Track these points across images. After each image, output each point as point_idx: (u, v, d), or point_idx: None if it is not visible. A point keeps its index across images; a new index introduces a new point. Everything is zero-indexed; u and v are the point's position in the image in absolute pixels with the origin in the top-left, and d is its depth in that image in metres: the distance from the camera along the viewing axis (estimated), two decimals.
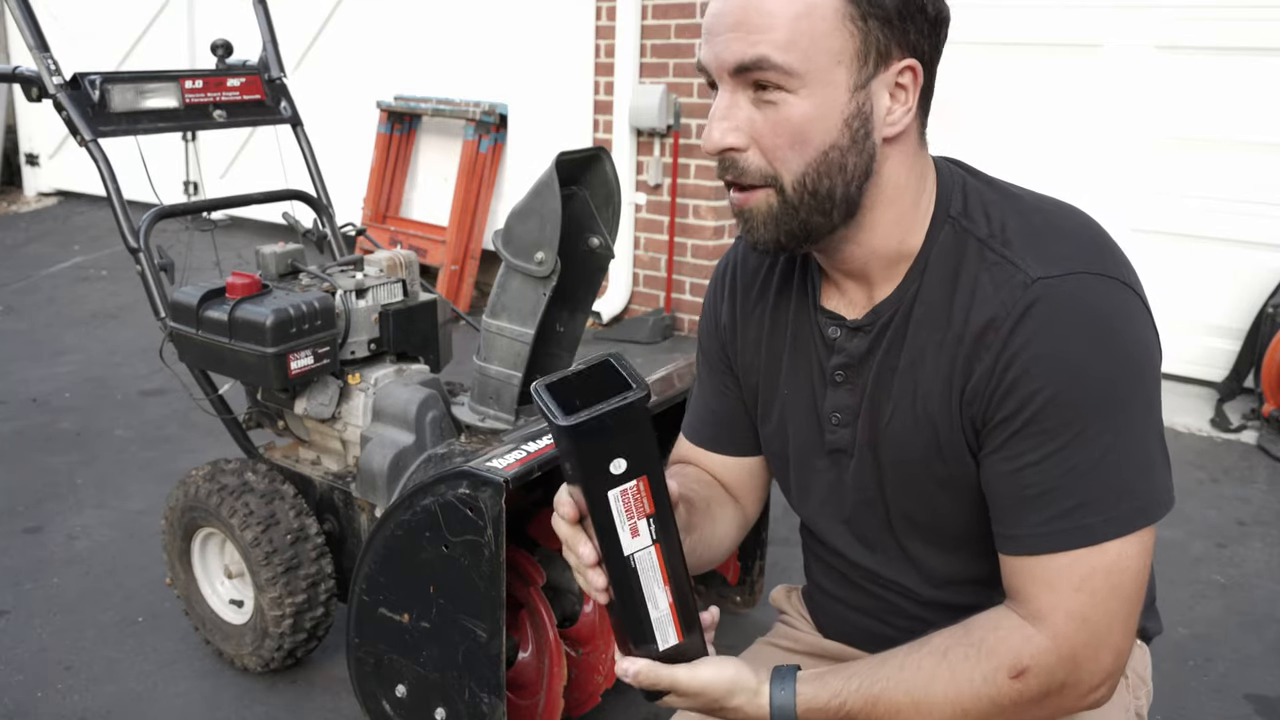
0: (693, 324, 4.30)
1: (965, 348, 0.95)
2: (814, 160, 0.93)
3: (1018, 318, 0.91)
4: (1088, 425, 0.90)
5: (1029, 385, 0.91)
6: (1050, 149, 3.68)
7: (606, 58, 4.25)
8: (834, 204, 0.95)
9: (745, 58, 0.91)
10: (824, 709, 0.95)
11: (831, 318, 1.07)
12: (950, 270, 0.98)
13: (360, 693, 1.60)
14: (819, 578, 1.23)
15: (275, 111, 2.34)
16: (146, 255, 2.00)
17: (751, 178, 0.95)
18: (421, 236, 4.73)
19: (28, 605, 2.25)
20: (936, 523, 1.05)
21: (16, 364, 3.90)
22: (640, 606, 0.90)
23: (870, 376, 1.04)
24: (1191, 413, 3.37)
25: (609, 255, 1.88)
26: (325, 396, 1.91)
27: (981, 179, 1.04)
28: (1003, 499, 0.95)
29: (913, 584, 1.10)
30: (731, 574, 1.99)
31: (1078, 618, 0.90)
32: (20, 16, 1.96)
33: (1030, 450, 0.92)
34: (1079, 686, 0.92)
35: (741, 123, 0.94)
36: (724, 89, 0.95)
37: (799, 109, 0.92)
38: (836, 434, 1.09)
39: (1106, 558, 0.90)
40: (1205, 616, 2.23)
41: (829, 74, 0.91)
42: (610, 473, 0.83)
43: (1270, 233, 3.34)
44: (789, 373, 1.13)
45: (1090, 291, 0.91)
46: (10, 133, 7.29)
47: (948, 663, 0.93)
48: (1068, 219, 0.98)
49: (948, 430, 0.98)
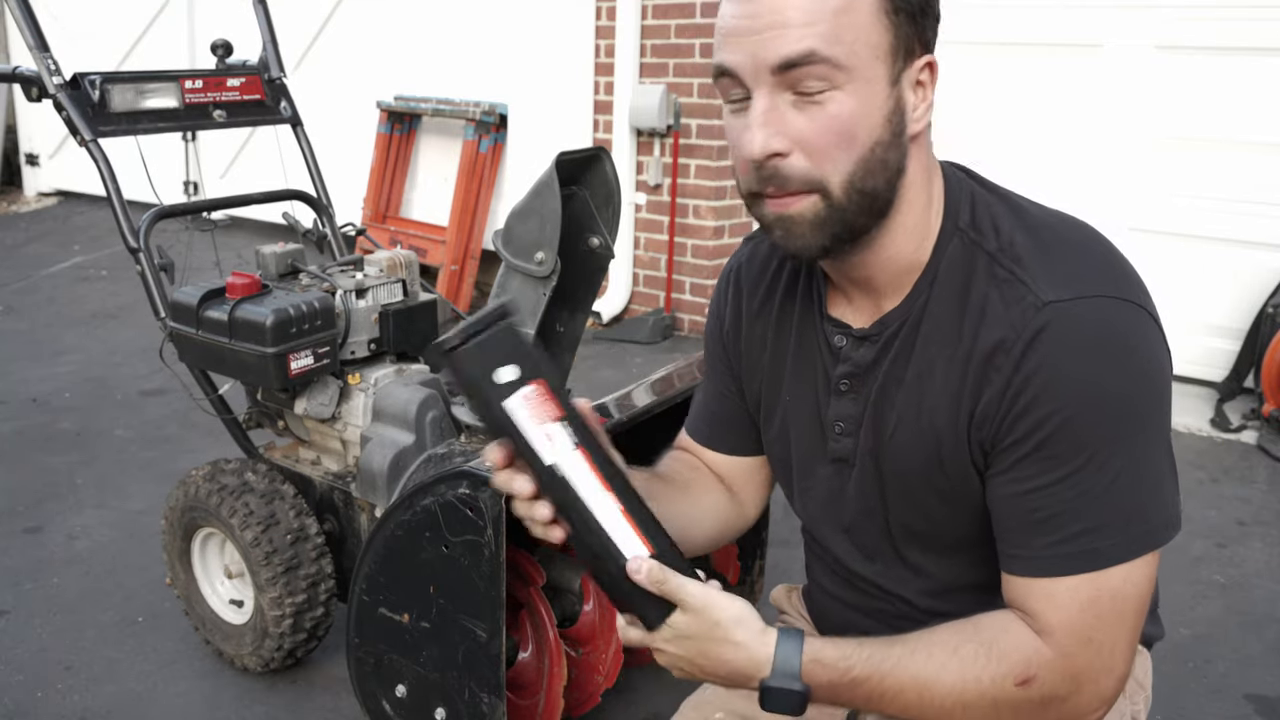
0: (693, 324, 4.30)
1: (974, 367, 0.94)
2: (862, 159, 0.90)
3: (1028, 341, 0.90)
4: (1099, 450, 0.88)
5: (1041, 410, 0.89)
6: (1050, 149, 3.68)
7: (606, 58, 4.25)
8: (878, 203, 0.93)
9: (792, 53, 0.86)
10: (830, 666, 0.93)
11: (838, 326, 1.06)
12: (960, 284, 0.97)
13: (360, 693, 1.60)
14: (820, 578, 1.23)
15: (275, 111, 2.34)
16: (146, 255, 2.00)
17: (795, 185, 0.91)
18: (421, 236, 4.73)
19: (28, 605, 2.25)
20: (935, 531, 1.05)
21: (16, 364, 3.90)
22: (590, 520, 0.88)
23: (875, 387, 1.03)
24: (1191, 413, 3.37)
25: (609, 255, 1.88)
26: (325, 396, 1.91)
27: (989, 188, 1.03)
28: (1009, 520, 0.94)
29: (911, 594, 1.10)
30: (732, 574, 1.99)
31: (1082, 638, 0.90)
32: (20, 16, 1.96)
33: (1040, 474, 0.91)
34: (1077, 706, 0.92)
35: (784, 126, 0.89)
36: (761, 92, 0.89)
37: (846, 105, 0.88)
38: (840, 443, 1.08)
39: (1112, 581, 0.89)
40: (1205, 616, 2.23)
41: (871, 68, 0.89)
42: (500, 382, 0.83)
43: (1270, 233, 3.34)
44: (793, 380, 1.12)
45: (1102, 315, 0.90)
46: (10, 133, 7.29)
47: (958, 658, 0.92)
48: (1076, 234, 0.97)
49: (952, 447, 0.97)
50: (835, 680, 0.93)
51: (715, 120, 4.04)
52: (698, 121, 4.09)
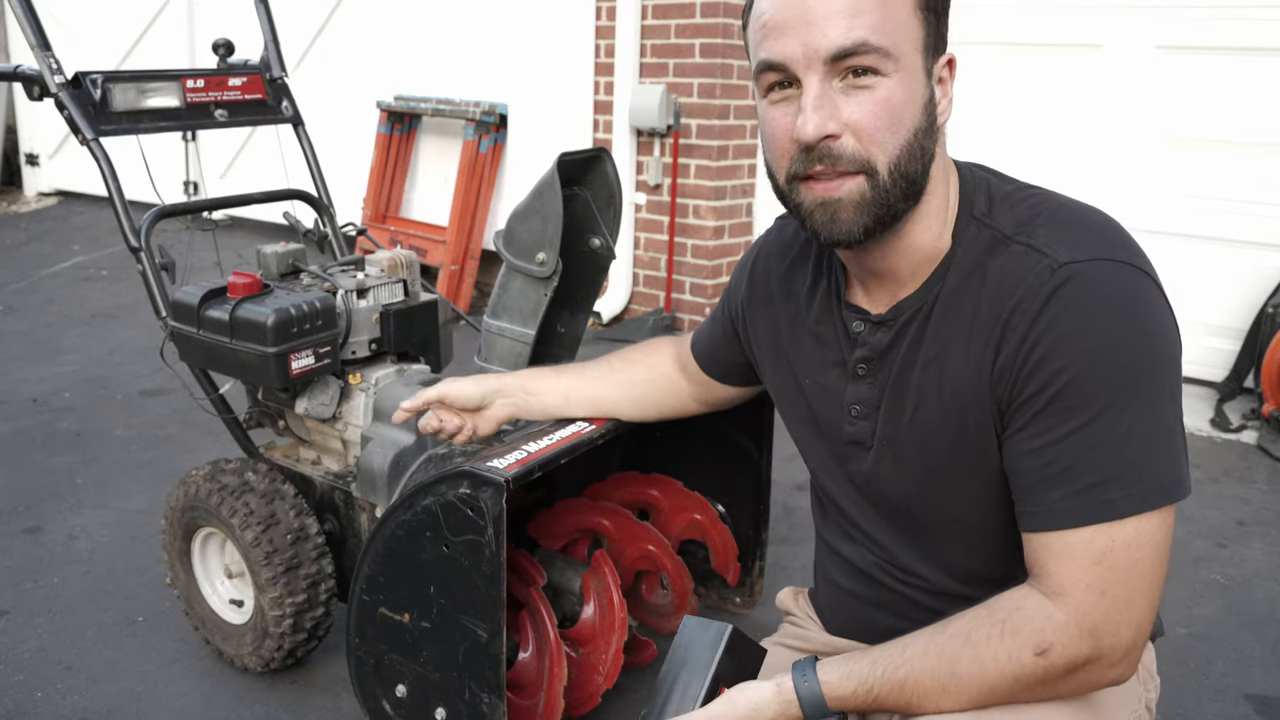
0: (693, 323, 4.30)
1: (995, 331, 0.98)
2: (906, 143, 0.96)
3: (1045, 298, 0.94)
4: (1111, 403, 0.91)
5: (1053, 364, 0.93)
6: (1051, 149, 3.68)
7: (606, 58, 4.25)
8: (915, 187, 0.99)
9: (846, 42, 0.92)
10: (852, 698, 0.97)
11: (856, 312, 1.11)
12: (975, 265, 1.01)
13: (360, 693, 1.60)
14: (834, 573, 1.25)
15: (277, 111, 2.33)
16: (148, 254, 2.00)
17: (846, 164, 0.96)
18: (421, 236, 4.73)
19: (28, 605, 2.25)
20: (958, 515, 1.07)
21: (16, 364, 3.90)
22: None
23: (892, 372, 1.07)
24: (1191, 413, 3.37)
25: (610, 256, 1.88)
26: (326, 396, 1.91)
27: (1004, 180, 1.07)
28: (1026, 477, 0.97)
29: (929, 575, 1.12)
30: (732, 576, 1.99)
31: (1097, 591, 0.92)
32: (22, 14, 1.96)
33: (1054, 428, 0.94)
34: (1100, 661, 0.93)
35: (836, 111, 0.95)
36: (812, 79, 0.94)
37: (895, 91, 0.94)
38: (856, 425, 1.12)
39: (1125, 532, 0.91)
40: (1205, 616, 2.23)
41: (912, 59, 0.95)
42: None
43: (1270, 233, 3.34)
44: (813, 364, 1.16)
45: (1114, 276, 0.93)
46: (10, 133, 7.29)
47: (971, 644, 0.94)
48: (1090, 213, 1.01)
49: (977, 413, 1.00)
50: (860, 705, 0.98)
51: (715, 120, 4.04)
52: (698, 121, 4.09)
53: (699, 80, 4.04)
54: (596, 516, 1.92)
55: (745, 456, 1.93)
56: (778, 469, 1.92)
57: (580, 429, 1.52)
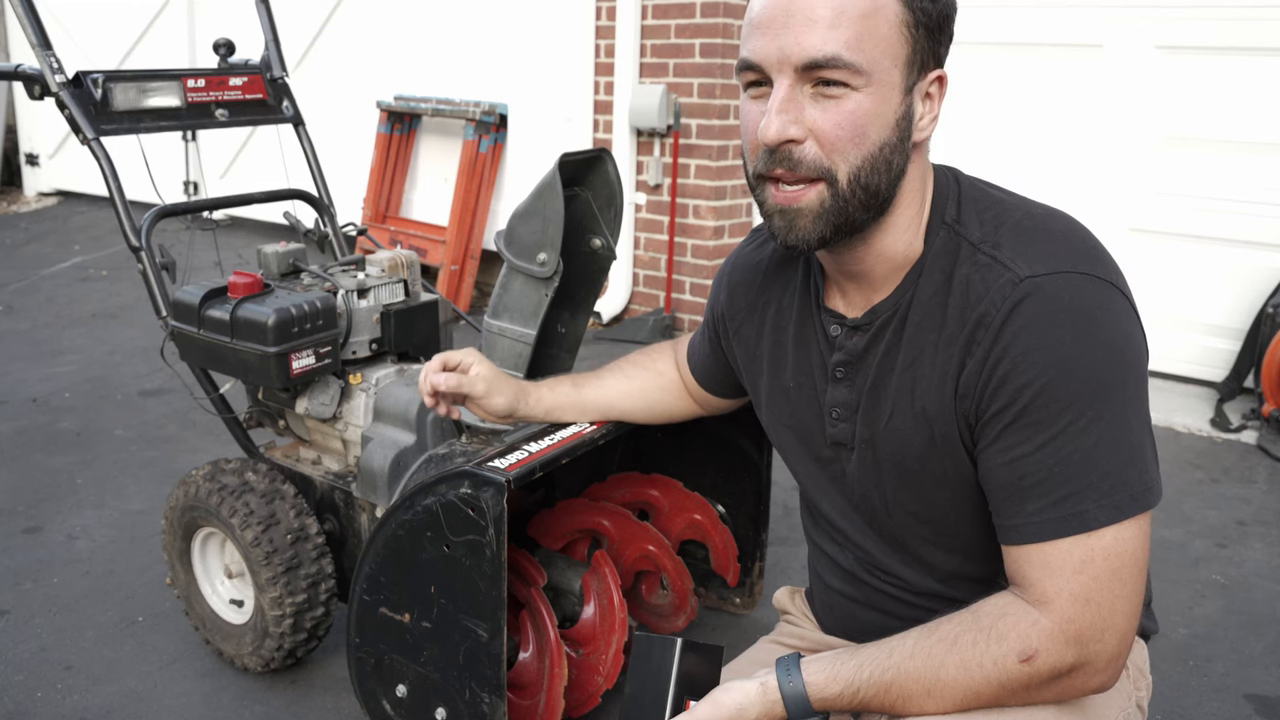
0: (693, 324, 4.30)
1: (959, 346, 0.99)
2: (869, 156, 0.96)
3: (1007, 313, 0.94)
4: (1078, 416, 0.92)
5: (1019, 379, 0.94)
6: (1051, 149, 3.68)
7: (606, 58, 4.25)
8: (878, 200, 0.99)
9: (818, 55, 0.93)
10: (837, 699, 0.97)
11: (833, 316, 1.12)
12: (945, 273, 1.02)
13: (360, 693, 1.60)
14: (823, 573, 1.26)
15: (277, 111, 2.33)
16: (148, 254, 1.99)
17: (806, 170, 0.96)
18: (421, 236, 4.73)
19: (28, 605, 2.25)
20: (933, 517, 1.08)
21: (16, 364, 3.90)
22: None
23: (869, 376, 1.08)
24: (1191, 413, 3.37)
25: (611, 256, 1.88)
26: (326, 396, 1.91)
27: (974, 185, 1.08)
28: (1000, 491, 0.98)
29: (910, 577, 1.13)
30: (731, 576, 1.99)
31: (1080, 600, 0.92)
32: (23, 13, 1.96)
33: (1023, 441, 0.94)
34: (1085, 669, 0.93)
35: (801, 115, 0.95)
36: (782, 82, 0.95)
37: (862, 105, 0.94)
38: (836, 428, 1.13)
39: (1104, 541, 0.92)
40: (1205, 616, 2.23)
41: (888, 74, 0.95)
42: None
43: (1270, 233, 3.35)
44: (795, 368, 1.17)
45: (1075, 288, 0.94)
46: (10, 133, 7.29)
47: (957, 649, 0.94)
48: (1056, 222, 1.02)
49: (943, 425, 1.01)
50: (845, 707, 0.98)
51: (715, 120, 4.04)
52: (698, 121, 4.09)
53: (699, 80, 4.04)
54: (597, 517, 1.92)
55: (745, 457, 1.94)
56: (778, 469, 1.92)
57: (580, 429, 1.53)
